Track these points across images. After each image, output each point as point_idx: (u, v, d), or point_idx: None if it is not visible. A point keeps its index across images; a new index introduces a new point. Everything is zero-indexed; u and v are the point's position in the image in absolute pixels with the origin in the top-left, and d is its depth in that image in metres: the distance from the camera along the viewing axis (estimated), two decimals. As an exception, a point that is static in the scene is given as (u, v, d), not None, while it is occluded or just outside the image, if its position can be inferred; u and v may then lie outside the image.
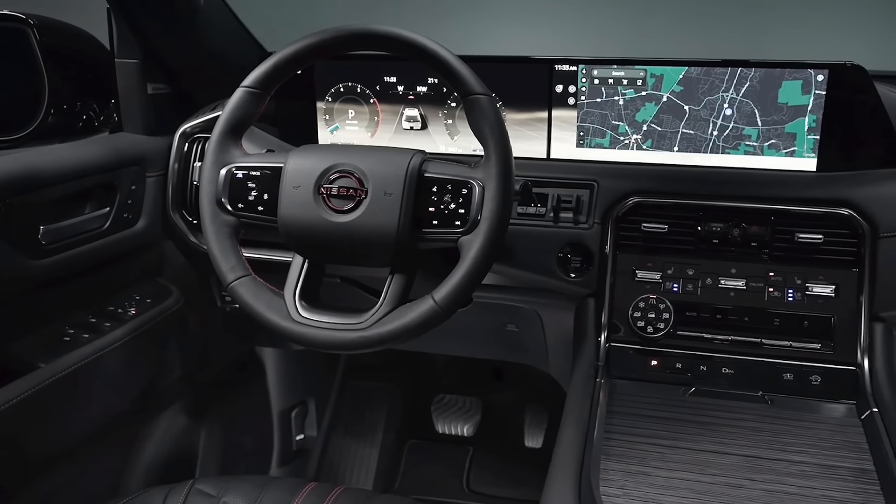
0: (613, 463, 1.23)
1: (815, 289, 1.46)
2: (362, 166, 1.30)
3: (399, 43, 1.29)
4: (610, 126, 1.62)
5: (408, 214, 1.27)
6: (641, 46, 2.14)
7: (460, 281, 1.24)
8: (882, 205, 1.45)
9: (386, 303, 1.29)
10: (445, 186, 1.28)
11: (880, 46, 2.01)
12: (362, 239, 1.28)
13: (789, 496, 1.15)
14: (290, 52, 1.33)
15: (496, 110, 1.28)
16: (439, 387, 2.66)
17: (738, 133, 1.56)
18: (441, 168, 1.30)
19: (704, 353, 1.47)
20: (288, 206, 1.30)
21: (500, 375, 2.65)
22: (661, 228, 1.53)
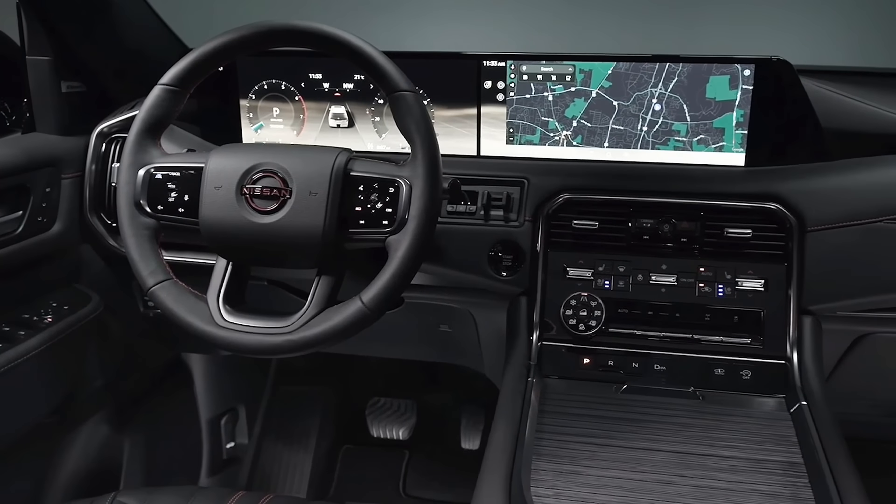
0: (545, 463, 1.24)
1: (744, 283, 1.49)
2: (286, 165, 1.29)
3: (322, 39, 1.28)
4: (540, 122, 1.63)
5: (333, 214, 1.26)
6: (576, 41, 2.16)
7: (388, 282, 1.24)
8: (809, 199, 1.48)
9: (313, 305, 1.28)
10: (372, 185, 1.28)
11: (807, 40, 2.06)
12: (287, 240, 1.27)
13: (718, 491, 1.18)
14: (209, 49, 1.31)
15: (422, 107, 1.28)
16: (373, 390, 2.65)
17: (668, 128, 1.58)
18: (367, 167, 1.30)
19: (636, 349, 1.50)
20: (209, 207, 1.28)
21: (435, 377, 2.65)
22: (591, 225, 1.55)
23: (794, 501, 1.17)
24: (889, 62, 1.93)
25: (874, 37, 2.02)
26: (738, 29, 2.10)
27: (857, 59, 2.01)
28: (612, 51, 1.58)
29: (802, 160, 1.55)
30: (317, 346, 1.26)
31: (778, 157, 1.55)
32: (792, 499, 1.17)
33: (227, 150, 1.33)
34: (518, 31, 2.23)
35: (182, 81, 1.32)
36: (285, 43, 1.31)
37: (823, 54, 2.02)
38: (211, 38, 1.31)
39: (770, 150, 1.55)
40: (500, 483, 1.20)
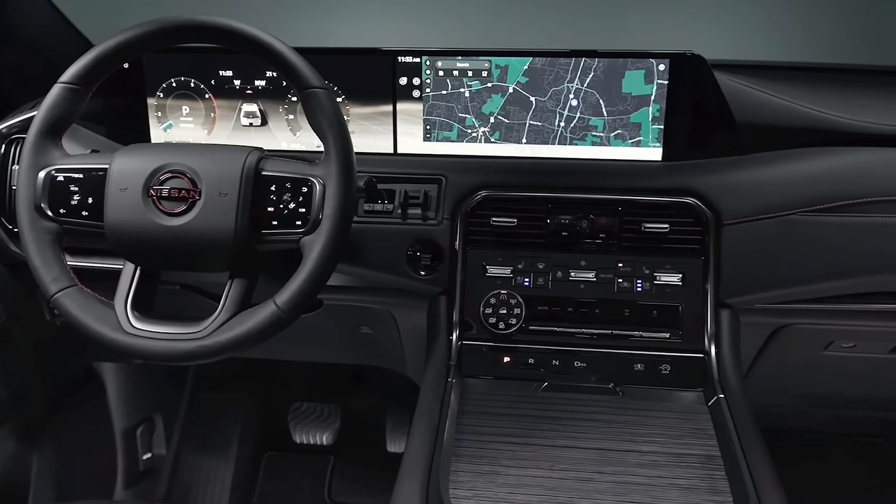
0: (464, 464, 1.25)
1: (662, 278, 1.52)
2: (194, 166, 1.27)
3: (229, 35, 1.27)
4: (457, 119, 1.64)
5: (245, 215, 1.25)
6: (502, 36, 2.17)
7: (303, 283, 1.24)
8: (725, 193, 1.52)
9: (225, 309, 1.27)
10: (284, 185, 1.28)
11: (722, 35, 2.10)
12: (197, 243, 1.26)
13: (638, 487, 1.20)
14: (111, 45, 1.29)
15: (335, 104, 1.28)
16: (296, 395, 2.64)
17: (585, 124, 1.61)
18: (279, 166, 1.30)
19: (557, 347, 1.52)
20: (114, 210, 1.26)
21: (359, 380, 2.65)
22: (510, 222, 1.56)
23: (712, 494, 1.20)
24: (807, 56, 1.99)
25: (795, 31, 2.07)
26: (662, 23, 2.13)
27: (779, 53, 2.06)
28: (538, 45, 1.59)
29: (718, 154, 1.58)
30: (230, 351, 1.25)
31: (694, 151, 1.59)
32: (709, 491, 1.20)
33: (132, 150, 1.31)
34: (443, 26, 2.23)
35: (83, 79, 1.30)
36: (191, 39, 1.29)
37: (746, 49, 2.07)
38: (114, 34, 1.29)
39: (686, 145, 1.59)
40: (418, 486, 1.21)
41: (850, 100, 1.66)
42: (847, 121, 1.57)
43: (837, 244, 1.49)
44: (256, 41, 1.27)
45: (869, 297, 1.55)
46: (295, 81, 1.28)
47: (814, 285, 1.52)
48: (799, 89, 1.64)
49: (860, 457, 2.41)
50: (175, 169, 1.27)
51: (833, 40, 2.02)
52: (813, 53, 2.01)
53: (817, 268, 1.51)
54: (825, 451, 2.42)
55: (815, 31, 2.03)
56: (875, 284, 1.53)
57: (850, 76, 1.80)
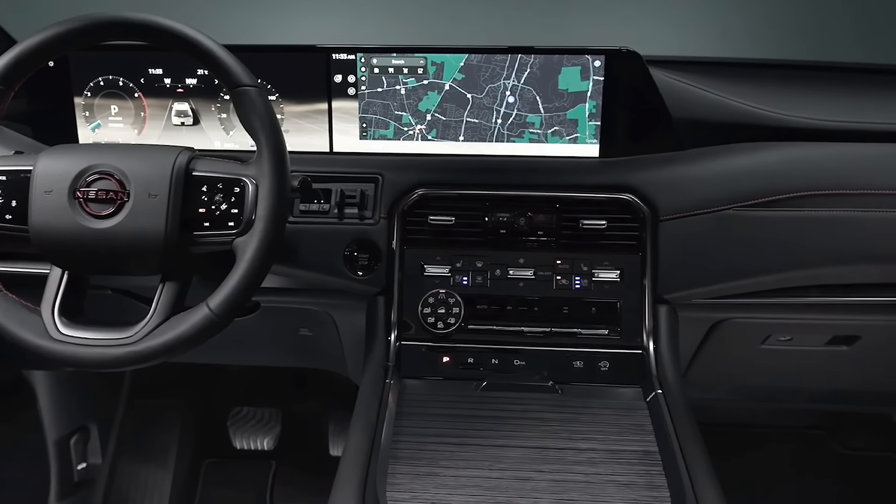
0: (402, 466, 1.25)
1: (601, 275, 1.54)
2: (122, 167, 1.26)
3: (156, 32, 1.26)
4: (393, 117, 1.64)
5: (176, 217, 1.25)
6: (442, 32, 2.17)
7: (236, 286, 1.23)
8: (661, 188, 1.54)
9: (157, 313, 1.26)
10: (216, 185, 1.27)
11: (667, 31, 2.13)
12: (126, 245, 1.25)
13: (576, 484, 1.22)
14: (33, 43, 1.27)
15: (266, 102, 1.27)
16: (235, 400, 2.62)
17: (522, 121, 1.62)
18: (210, 166, 1.29)
19: (496, 345, 1.52)
20: (39, 213, 1.24)
21: (300, 383, 2.64)
22: (448, 221, 1.57)
23: (649, 490, 1.22)
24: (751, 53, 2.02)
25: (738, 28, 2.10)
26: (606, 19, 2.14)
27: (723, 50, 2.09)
28: (479, 41, 1.60)
29: (655, 150, 1.60)
30: (162, 356, 1.24)
31: (631, 147, 1.61)
32: (647, 487, 1.22)
33: (58, 151, 1.29)
34: (383, 23, 2.23)
35: (5, 79, 1.27)
36: (118, 36, 1.28)
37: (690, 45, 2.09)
38: (36, 31, 1.27)
39: (623, 141, 1.61)
40: (354, 490, 1.21)
41: (784, 95, 1.70)
42: (781, 116, 1.60)
43: (772, 238, 1.52)
44: (184, 38, 1.26)
45: (803, 291, 1.59)
46: (225, 80, 1.27)
47: (750, 279, 1.55)
48: (734, 85, 1.67)
49: (800, 449, 2.47)
50: (102, 170, 1.25)
51: (776, 37, 2.06)
52: (755, 50, 2.05)
53: (753, 262, 1.54)
54: (766, 444, 2.47)
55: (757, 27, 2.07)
56: (809, 278, 1.56)
57: (785, 72, 1.84)
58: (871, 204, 1.51)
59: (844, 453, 2.43)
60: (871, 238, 1.52)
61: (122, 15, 1.26)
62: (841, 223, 1.51)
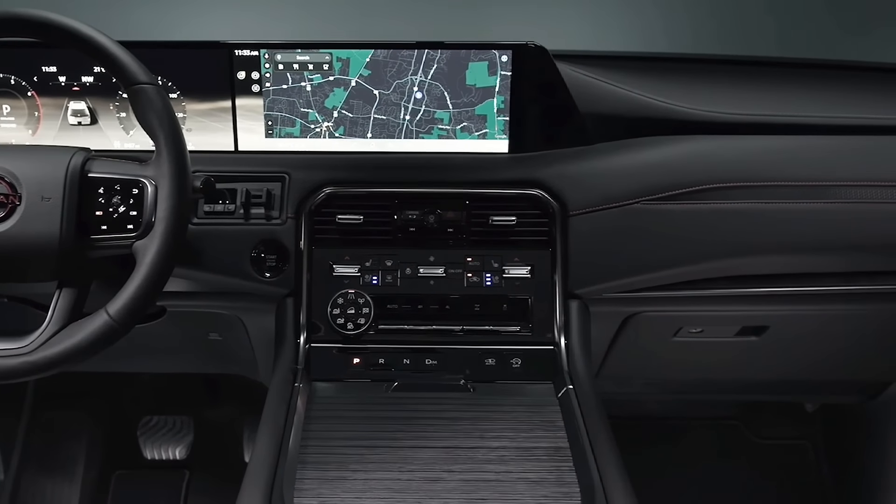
0: (310, 471, 1.25)
1: (511, 271, 1.55)
2: (13, 169, 1.23)
3: (46, 28, 1.24)
4: (299, 114, 1.63)
5: (71, 221, 1.23)
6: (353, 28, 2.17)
7: (137, 291, 1.21)
8: (570, 183, 1.56)
9: (53, 321, 1.24)
10: (113, 187, 1.25)
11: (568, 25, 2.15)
12: (19, 251, 1.22)
13: (487, 483, 1.23)
14: None
15: (165, 100, 1.26)
16: (145, 409, 2.57)
17: (430, 117, 1.62)
18: (108, 167, 1.27)
19: (407, 345, 1.53)
20: None
21: (213, 389, 2.60)
22: (356, 219, 1.57)
23: (559, 486, 1.23)
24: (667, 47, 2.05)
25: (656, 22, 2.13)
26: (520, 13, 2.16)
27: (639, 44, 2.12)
28: (391, 36, 1.60)
29: (564, 145, 1.62)
30: (59, 365, 1.21)
31: (540, 142, 1.62)
32: (557, 483, 1.24)
33: None
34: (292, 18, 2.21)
35: None
36: (6, 33, 1.25)
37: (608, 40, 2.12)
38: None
39: (532, 136, 1.62)
40: (260, 497, 1.20)
41: (690, 89, 1.73)
42: (687, 110, 1.63)
43: (679, 231, 1.55)
44: (77, 35, 1.24)
45: (711, 283, 1.63)
46: (121, 77, 1.25)
47: (659, 273, 1.58)
48: (641, 79, 1.70)
49: (716, 439, 2.52)
50: None
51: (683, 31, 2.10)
52: (662, 44, 2.08)
53: (661, 255, 1.57)
54: (683, 436, 2.52)
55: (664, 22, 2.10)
56: (717, 270, 1.60)
57: (691, 66, 1.88)
58: (776, 195, 1.55)
59: (759, 442, 2.50)
60: (776, 229, 1.56)
61: (10, 11, 1.23)
62: (746, 215, 1.55)
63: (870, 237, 1.57)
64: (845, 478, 2.35)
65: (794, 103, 1.75)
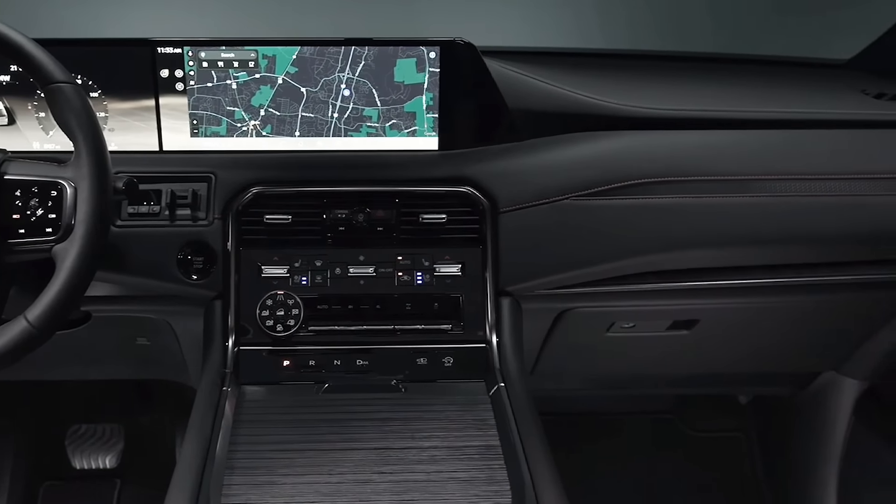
0: (238, 476, 1.23)
1: (442, 269, 1.55)
2: None
3: None
4: (225, 112, 1.61)
5: None
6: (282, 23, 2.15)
7: (56, 296, 1.19)
8: (500, 180, 1.56)
9: None
10: (30, 189, 1.23)
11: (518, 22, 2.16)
12: None
13: (417, 484, 1.22)
14: None
15: (83, 99, 1.23)
16: (74, 417, 2.52)
17: (359, 114, 1.61)
18: (24, 168, 1.25)
19: (338, 346, 1.52)
20: None
21: (146, 395, 2.56)
22: (284, 219, 1.55)
23: (490, 485, 1.24)
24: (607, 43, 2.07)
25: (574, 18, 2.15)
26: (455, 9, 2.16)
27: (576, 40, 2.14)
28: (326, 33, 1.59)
29: (494, 142, 1.62)
30: None
31: (470, 139, 1.62)
32: (488, 482, 1.24)
33: None
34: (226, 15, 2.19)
35: None
36: None
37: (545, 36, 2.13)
38: None
39: (462, 133, 1.62)
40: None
41: (619, 85, 1.75)
42: (616, 105, 1.64)
43: (609, 227, 1.56)
44: None
45: (642, 278, 1.64)
46: (37, 76, 1.23)
47: (590, 268, 1.59)
48: (570, 75, 1.71)
49: (652, 433, 2.55)
50: None
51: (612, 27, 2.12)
52: (591, 40, 2.10)
53: (591, 251, 1.58)
54: (619, 431, 2.54)
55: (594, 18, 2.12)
56: (647, 264, 1.62)
57: (620, 61, 1.90)
58: (703, 190, 1.57)
59: (693, 435, 2.53)
60: (704, 224, 1.58)
61: None
62: (674, 210, 1.56)
63: (795, 230, 1.60)
64: (777, 468, 2.40)
65: (722, 98, 1.78)
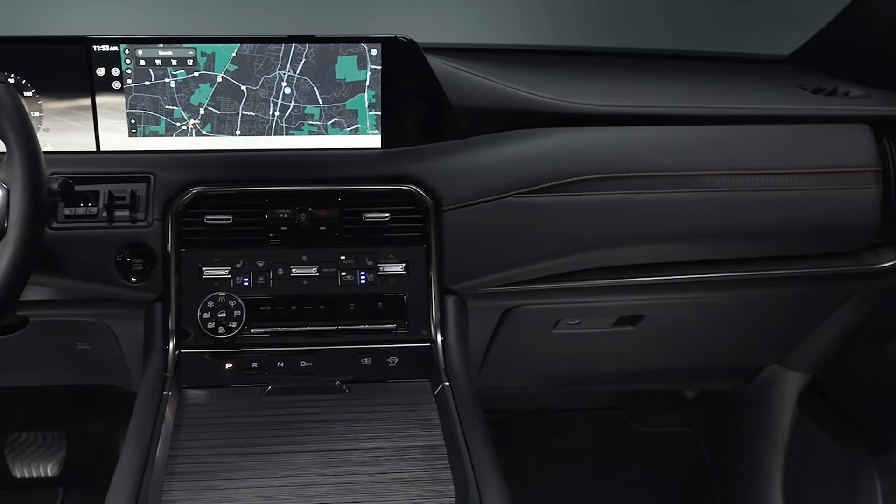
0: (178, 483, 1.22)
1: (386, 268, 1.54)
2: None
3: None
4: (164, 111, 1.58)
5: None
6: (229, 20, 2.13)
7: None
8: (443, 178, 1.56)
9: None
10: None
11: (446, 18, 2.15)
12: None
13: (360, 485, 1.22)
14: None
15: (14, 99, 1.21)
16: (13, 425, 2.47)
17: (301, 112, 1.60)
18: None
19: (281, 348, 1.50)
20: None
21: (90, 401, 2.52)
22: (225, 220, 1.53)
23: (434, 484, 1.23)
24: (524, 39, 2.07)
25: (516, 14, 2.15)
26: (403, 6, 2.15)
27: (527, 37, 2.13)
28: (274, 30, 1.57)
29: (438, 139, 1.62)
30: None
31: (413, 137, 1.61)
32: (431, 482, 1.24)
33: None
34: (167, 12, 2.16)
35: None
36: None
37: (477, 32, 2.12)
38: None
39: (405, 131, 1.61)
40: None
41: (561, 81, 1.76)
42: (558, 102, 1.65)
43: (552, 224, 1.57)
44: None
45: (586, 274, 1.65)
46: None
47: (534, 266, 1.59)
48: (513, 72, 1.71)
49: (601, 430, 2.57)
50: None
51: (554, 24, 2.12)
52: (534, 37, 2.10)
53: (535, 248, 1.58)
54: (568, 428, 2.56)
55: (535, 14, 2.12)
56: (591, 261, 1.62)
57: (561, 58, 1.90)
58: (645, 186, 1.58)
59: (642, 431, 2.55)
60: (646, 219, 1.59)
61: None
62: (617, 206, 1.57)
63: (736, 225, 1.62)
64: (724, 461, 2.42)
65: (666, 95, 1.79)
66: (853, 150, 1.65)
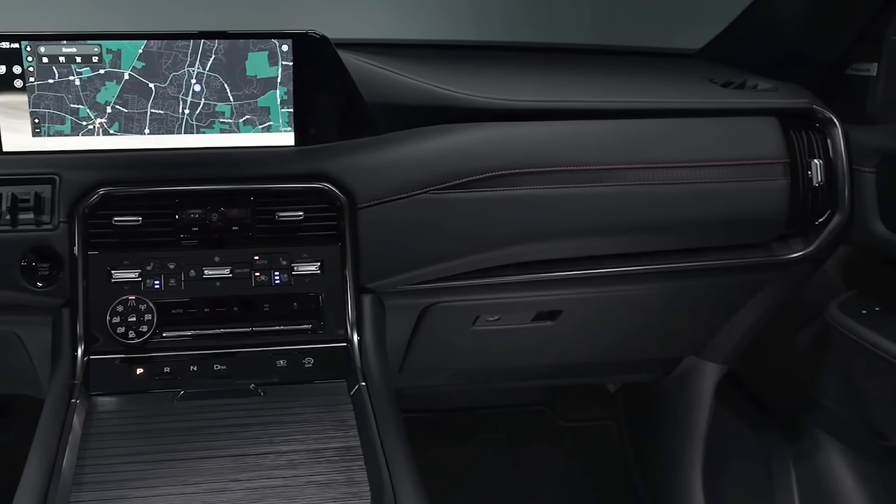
0: (86, 493, 1.19)
1: (301, 268, 1.53)
2: None
3: None
4: (69, 110, 1.54)
5: None
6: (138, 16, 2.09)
7: None
8: (357, 175, 1.55)
9: None
10: None
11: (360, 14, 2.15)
12: None
13: (274, 489, 1.20)
14: None
15: None
16: None
17: (211, 110, 1.57)
18: None
19: (194, 351, 1.48)
20: None
21: (2, 411, 2.45)
22: (135, 221, 1.50)
23: (349, 486, 1.22)
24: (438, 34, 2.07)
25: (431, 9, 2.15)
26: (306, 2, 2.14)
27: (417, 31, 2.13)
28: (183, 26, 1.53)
29: (352, 136, 1.60)
30: None
31: (327, 134, 1.60)
32: (347, 484, 1.23)
33: None
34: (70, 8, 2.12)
35: None
36: None
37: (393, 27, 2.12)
38: None
39: (319, 128, 1.59)
40: None
41: (475, 77, 1.75)
42: (472, 97, 1.64)
43: (468, 220, 1.57)
44: None
45: (504, 270, 1.65)
46: None
47: (450, 262, 1.59)
48: (426, 67, 1.70)
49: (524, 425, 2.58)
50: None
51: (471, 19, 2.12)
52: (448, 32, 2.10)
53: (452, 245, 1.58)
54: (492, 425, 2.57)
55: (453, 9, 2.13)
56: (507, 256, 1.63)
57: (476, 53, 1.90)
58: (560, 181, 1.59)
59: (565, 425, 2.57)
60: (561, 214, 1.60)
61: None
62: (532, 201, 1.58)
63: (649, 218, 1.64)
64: (646, 453, 2.45)
65: (581, 89, 1.80)
66: (762, 143, 1.68)
